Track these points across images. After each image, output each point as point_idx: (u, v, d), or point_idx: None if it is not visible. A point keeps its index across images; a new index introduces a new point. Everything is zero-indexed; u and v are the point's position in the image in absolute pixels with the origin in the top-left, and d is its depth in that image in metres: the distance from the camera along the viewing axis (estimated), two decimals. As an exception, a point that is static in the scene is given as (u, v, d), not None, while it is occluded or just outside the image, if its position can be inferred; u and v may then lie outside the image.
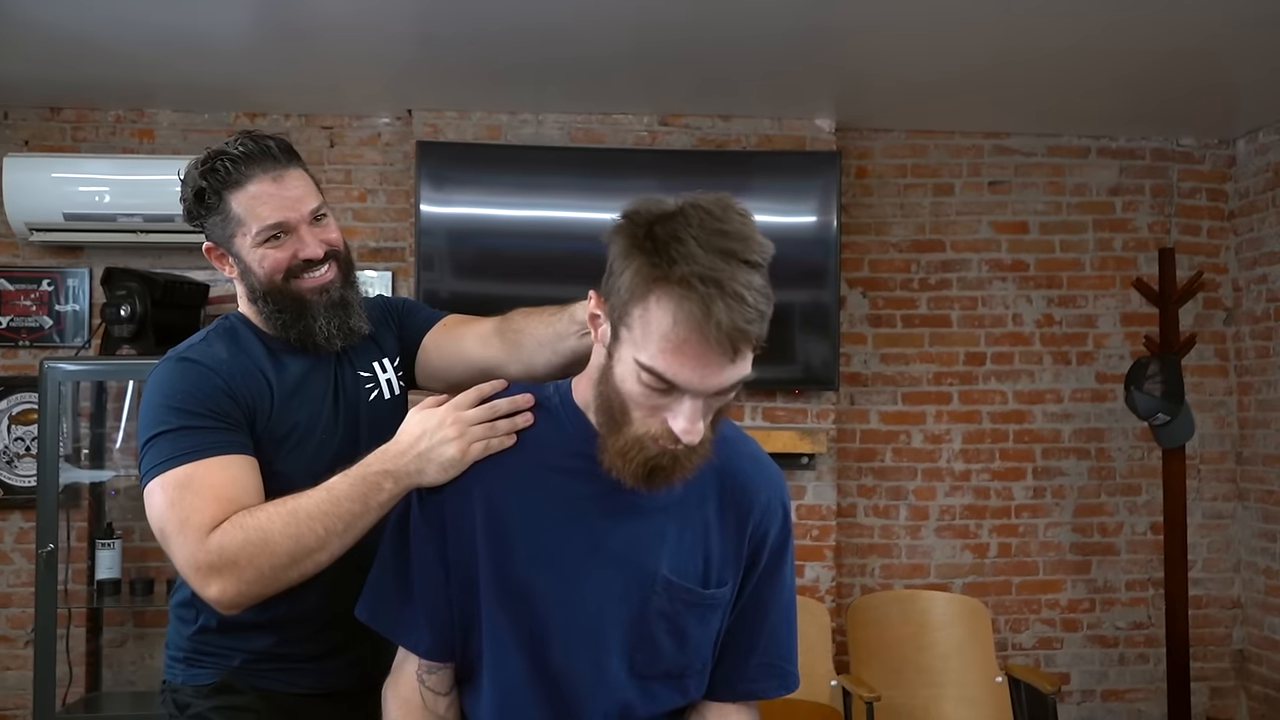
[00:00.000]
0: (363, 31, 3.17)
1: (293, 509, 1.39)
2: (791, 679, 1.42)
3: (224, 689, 1.61)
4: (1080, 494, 4.18)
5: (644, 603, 1.30)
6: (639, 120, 3.96)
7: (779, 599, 1.40)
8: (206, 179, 1.56)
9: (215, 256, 1.64)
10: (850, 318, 4.10)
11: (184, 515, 1.41)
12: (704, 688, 1.39)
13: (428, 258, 3.76)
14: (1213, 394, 4.23)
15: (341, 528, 1.37)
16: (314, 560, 1.38)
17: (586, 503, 1.30)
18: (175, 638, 1.67)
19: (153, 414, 1.50)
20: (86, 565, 3.69)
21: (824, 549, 3.94)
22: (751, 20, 3.04)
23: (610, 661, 1.31)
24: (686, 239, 1.15)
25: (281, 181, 1.57)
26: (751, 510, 1.36)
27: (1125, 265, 4.20)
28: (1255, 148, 4.14)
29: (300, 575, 1.39)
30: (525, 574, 1.29)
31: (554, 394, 1.38)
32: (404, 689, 1.36)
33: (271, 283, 1.58)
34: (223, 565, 1.37)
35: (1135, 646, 4.17)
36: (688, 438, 1.20)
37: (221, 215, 1.58)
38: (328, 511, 1.37)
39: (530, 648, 1.30)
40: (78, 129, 3.93)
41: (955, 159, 4.18)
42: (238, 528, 1.38)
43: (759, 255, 1.17)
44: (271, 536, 1.37)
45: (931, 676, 3.64)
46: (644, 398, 1.20)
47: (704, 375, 1.16)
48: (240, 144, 1.57)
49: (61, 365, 3.44)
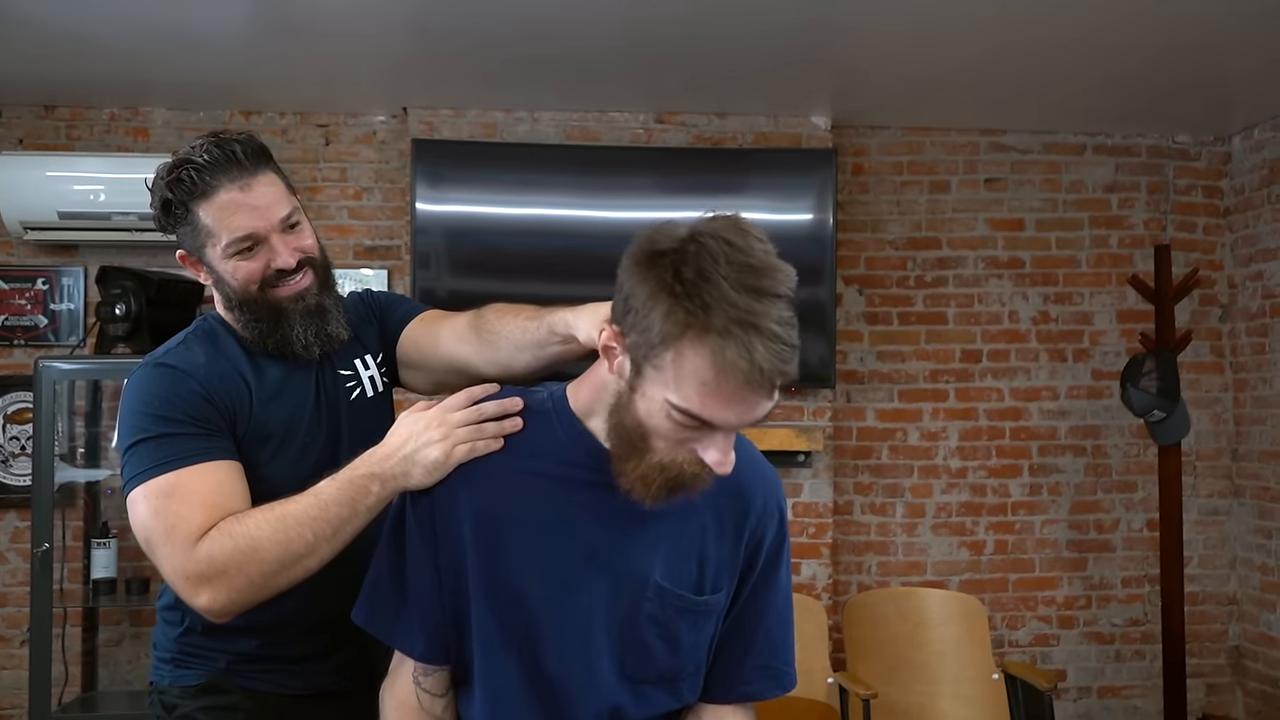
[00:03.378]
0: (358, 29, 3.16)
1: (280, 515, 1.37)
2: (788, 679, 1.42)
3: (211, 689, 1.60)
4: (1076, 491, 4.18)
5: (634, 607, 1.30)
6: (634, 118, 3.95)
7: (775, 601, 1.40)
8: (172, 190, 1.53)
9: (190, 264, 1.61)
10: (846, 315, 4.10)
11: (170, 524, 1.39)
12: (698, 690, 1.38)
13: (424, 256, 3.76)
14: (1208, 390, 4.24)
15: (330, 532, 1.37)
16: (303, 566, 1.37)
17: (579, 508, 1.30)
18: (162, 639, 1.67)
19: (132, 420, 1.47)
20: (82, 564, 3.69)
21: (820, 546, 3.94)
22: (747, 17, 3.03)
23: (601, 664, 1.30)
24: (717, 280, 1.11)
25: (250, 190, 1.52)
26: (748, 515, 1.36)
27: (1121, 262, 4.20)
28: (1251, 144, 4.14)
29: (290, 581, 1.38)
30: (516, 578, 1.29)
31: (548, 399, 1.36)
32: (400, 691, 1.36)
33: (247, 293, 1.55)
34: (212, 574, 1.35)
35: (1131, 643, 4.18)
36: (722, 470, 1.21)
37: (190, 226, 1.54)
38: (316, 516, 1.36)
39: (521, 651, 1.30)
40: (72, 127, 3.92)
41: (951, 156, 4.18)
42: (226, 535, 1.36)
43: (787, 287, 1.15)
44: (260, 544, 1.35)
45: (928, 674, 3.64)
46: (673, 433, 1.19)
47: (741, 414, 1.16)
48: (206, 151, 1.51)
49: (56, 364, 3.44)
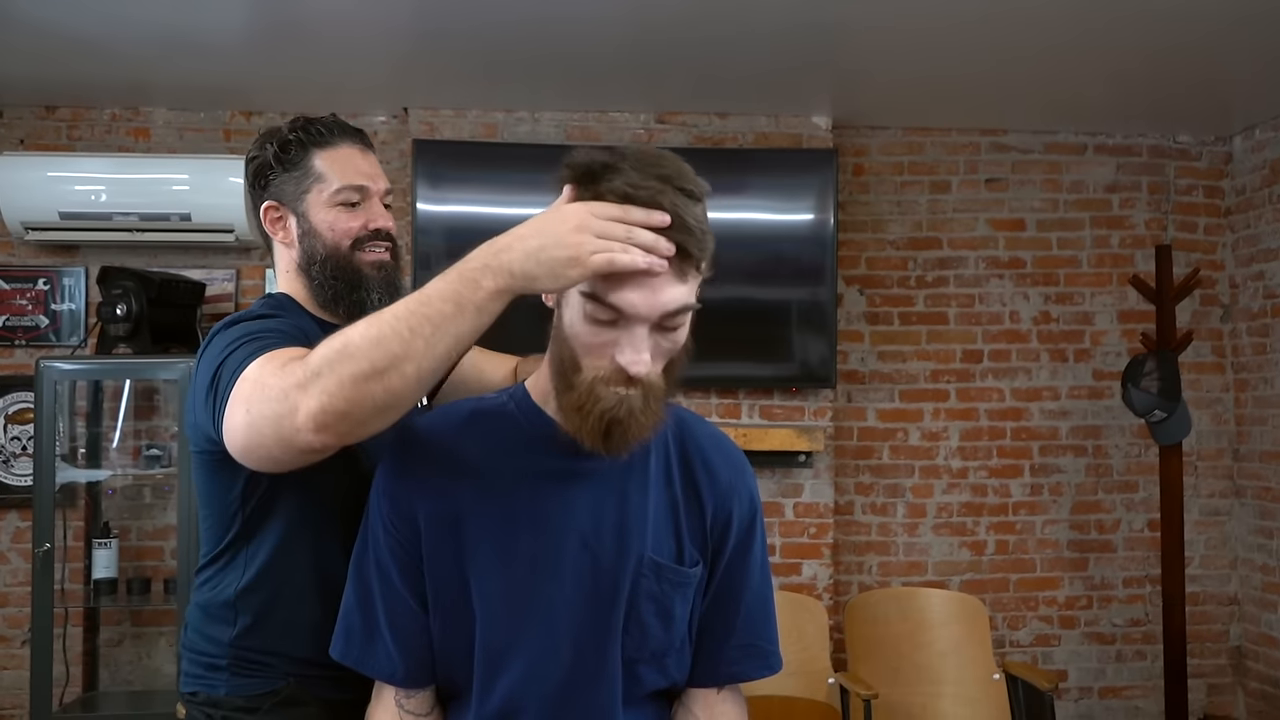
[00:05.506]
0: (359, 29, 3.16)
1: (378, 313, 1.21)
2: (774, 659, 1.41)
3: (291, 701, 1.48)
4: (1077, 491, 4.18)
5: (635, 587, 1.30)
6: (635, 118, 3.95)
7: (751, 580, 1.39)
8: (297, 133, 1.57)
9: (271, 219, 1.60)
10: (847, 315, 4.10)
11: (266, 368, 1.25)
12: (684, 667, 1.38)
13: (425, 256, 3.75)
14: (1209, 391, 4.23)
15: (429, 330, 1.16)
16: (400, 372, 1.16)
17: (564, 498, 1.29)
18: (206, 644, 1.52)
19: (216, 358, 1.36)
20: (83, 565, 3.69)
21: (821, 547, 3.94)
22: (748, 17, 3.03)
23: (608, 649, 1.30)
24: (623, 169, 1.19)
25: (367, 155, 1.62)
26: (713, 491, 1.36)
27: (1122, 262, 4.20)
28: (1252, 144, 4.14)
29: (387, 392, 1.17)
30: (515, 578, 1.28)
31: (508, 399, 1.36)
32: (384, 716, 1.34)
33: (337, 249, 1.56)
34: (307, 380, 1.18)
35: (1133, 643, 4.18)
36: (635, 369, 1.18)
37: (300, 171, 1.57)
38: (414, 311, 1.17)
39: (528, 648, 1.29)
40: (73, 127, 3.92)
41: (952, 156, 4.18)
42: (322, 344, 1.22)
43: (694, 186, 1.20)
44: (351, 339, 1.18)
45: (929, 674, 3.64)
46: (591, 335, 1.20)
47: (644, 295, 1.17)
48: (325, 118, 1.61)
49: (57, 364, 3.44)
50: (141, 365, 3.55)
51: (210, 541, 1.55)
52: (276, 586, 1.50)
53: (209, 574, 1.55)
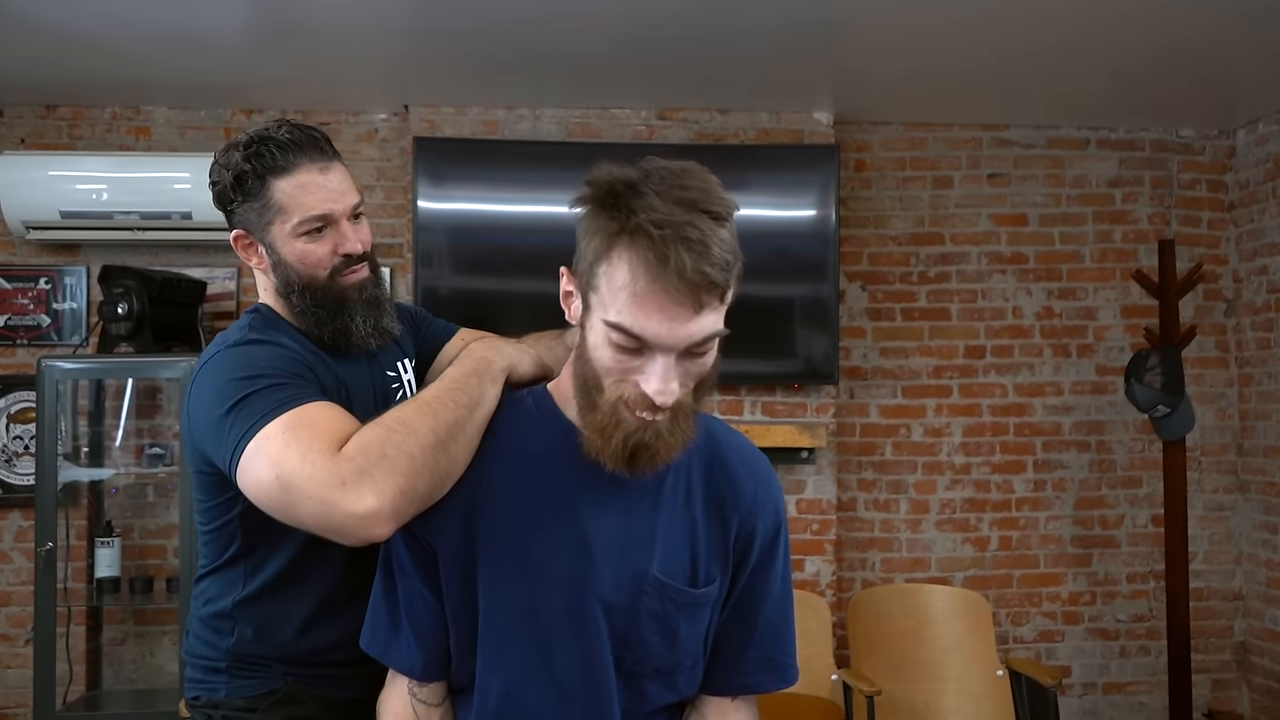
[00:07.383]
0: (359, 27, 3.16)
1: (414, 400, 1.30)
2: (790, 672, 1.40)
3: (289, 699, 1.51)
4: (1081, 487, 4.17)
5: (635, 603, 1.29)
6: (636, 115, 3.94)
7: (772, 593, 1.39)
8: (251, 162, 1.49)
9: (243, 246, 1.56)
10: (849, 311, 4.10)
11: (305, 444, 1.25)
12: (696, 683, 1.38)
13: (426, 254, 3.75)
14: (1213, 386, 4.22)
15: (468, 401, 1.29)
16: (458, 443, 1.25)
17: (576, 506, 1.29)
18: (206, 649, 1.55)
19: (223, 390, 1.35)
20: (86, 564, 3.70)
21: (824, 543, 3.94)
22: (748, 13, 3.03)
23: (602, 659, 1.30)
24: (645, 192, 1.16)
25: (327, 173, 1.51)
26: (737, 507, 1.34)
27: (1125, 257, 4.19)
28: (1255, 138, 4.12)
29: (450, 461, 1.25)
30: (515, 577, 1.28)
31: (529, 399, 1.35)
32: (396, 704, 1.35)
33: (313, 278, 1.51)
34: (369, 464, 1.20)
35: (1136, 639, 4.17)
36: (660, 399, 1.17)
37: (261, 202, 1.50)
38: (449, 389, 1.29)
39: (526, 649, 1.29)
40: (74, 127, 3.92)
41: (954, 151, 4.17)
42: (369, 427, 1.25)
43: (720, 207, 1.17)
44: (408, 419, 1.24)
45: (932, 670, 3.64)
46: (615, 362, 1.18)
47: (670, 327, 1.15)
48: (287, 131, 1.51)
49: (59, 363, 3.45)
50: (143, 364, 3.56)
51: (209, 555, 1.56)
52: (274, 599, 1.51)
53: (207, 585, 1.56)
